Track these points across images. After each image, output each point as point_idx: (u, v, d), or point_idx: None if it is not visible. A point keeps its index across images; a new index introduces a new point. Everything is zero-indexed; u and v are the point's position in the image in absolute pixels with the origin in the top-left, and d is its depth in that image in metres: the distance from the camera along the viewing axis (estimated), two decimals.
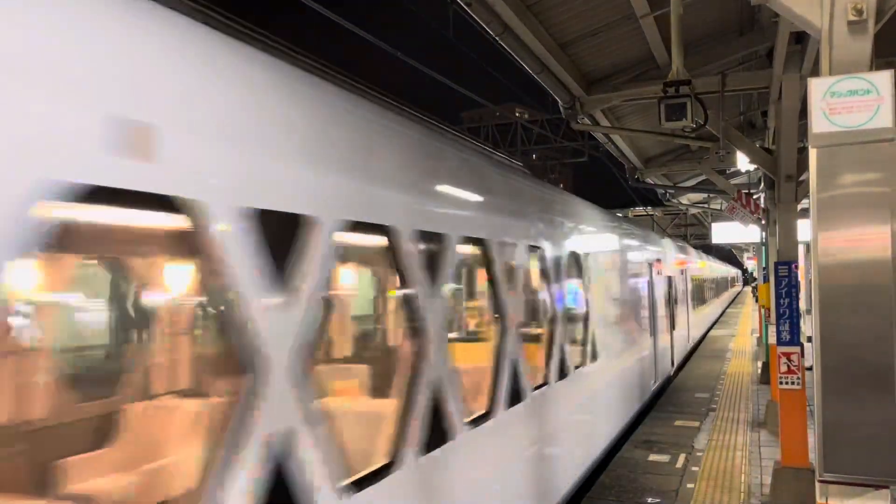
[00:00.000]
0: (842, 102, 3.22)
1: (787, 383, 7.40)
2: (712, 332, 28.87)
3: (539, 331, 6.40)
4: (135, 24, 2.37)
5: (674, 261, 16.79)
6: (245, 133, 2.77)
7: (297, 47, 4.13)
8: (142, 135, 2.24)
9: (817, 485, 3.32)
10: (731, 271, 53.97)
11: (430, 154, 4.52)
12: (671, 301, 15.70)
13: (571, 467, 7.18)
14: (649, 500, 7.88)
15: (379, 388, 4.81)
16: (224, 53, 2.83)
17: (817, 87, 3.27)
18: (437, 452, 4.11)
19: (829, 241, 3.26)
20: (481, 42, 8.33)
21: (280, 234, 2.90)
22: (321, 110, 3.40)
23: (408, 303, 3.99)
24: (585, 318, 7.93)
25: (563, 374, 6.74)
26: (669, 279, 15.61)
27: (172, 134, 2.37)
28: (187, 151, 2.43)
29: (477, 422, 4.72)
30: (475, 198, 5.09)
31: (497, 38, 7.35)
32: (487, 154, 6.46)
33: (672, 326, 15.77)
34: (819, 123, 3.25)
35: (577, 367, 7.28)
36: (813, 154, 3.30)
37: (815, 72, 3.57)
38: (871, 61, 3.29)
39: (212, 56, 2.74)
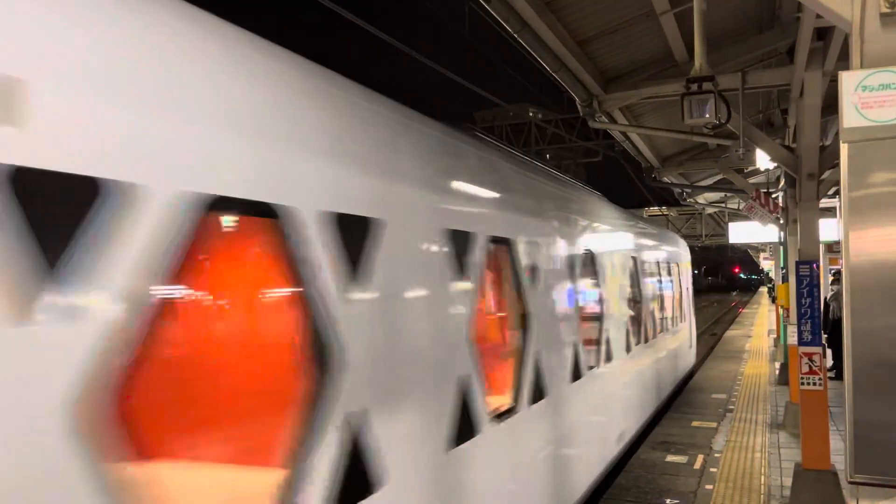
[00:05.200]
0: (874, 97, 3.15)
1: (808, 384, 7.30)
2: (728, 333, 28.64)
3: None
4: None
5: None
6: None
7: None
8: None
9: (847, 486, 3.25)
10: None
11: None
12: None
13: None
14: (667, 501, 7.81)
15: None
16: None
17: (848, 81, 3.19)
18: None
19: (861, 239, 3.18)
20: (496, 41, 8.29)
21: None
22: None
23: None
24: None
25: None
26: None
27: None
28: None
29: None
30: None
31: (516, 35, 7.29)
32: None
33: None
34: (850, 118, 3.18)
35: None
36: (844, 150, 3.22)
37: (844, 66, 3.49)
38: None
39: None
